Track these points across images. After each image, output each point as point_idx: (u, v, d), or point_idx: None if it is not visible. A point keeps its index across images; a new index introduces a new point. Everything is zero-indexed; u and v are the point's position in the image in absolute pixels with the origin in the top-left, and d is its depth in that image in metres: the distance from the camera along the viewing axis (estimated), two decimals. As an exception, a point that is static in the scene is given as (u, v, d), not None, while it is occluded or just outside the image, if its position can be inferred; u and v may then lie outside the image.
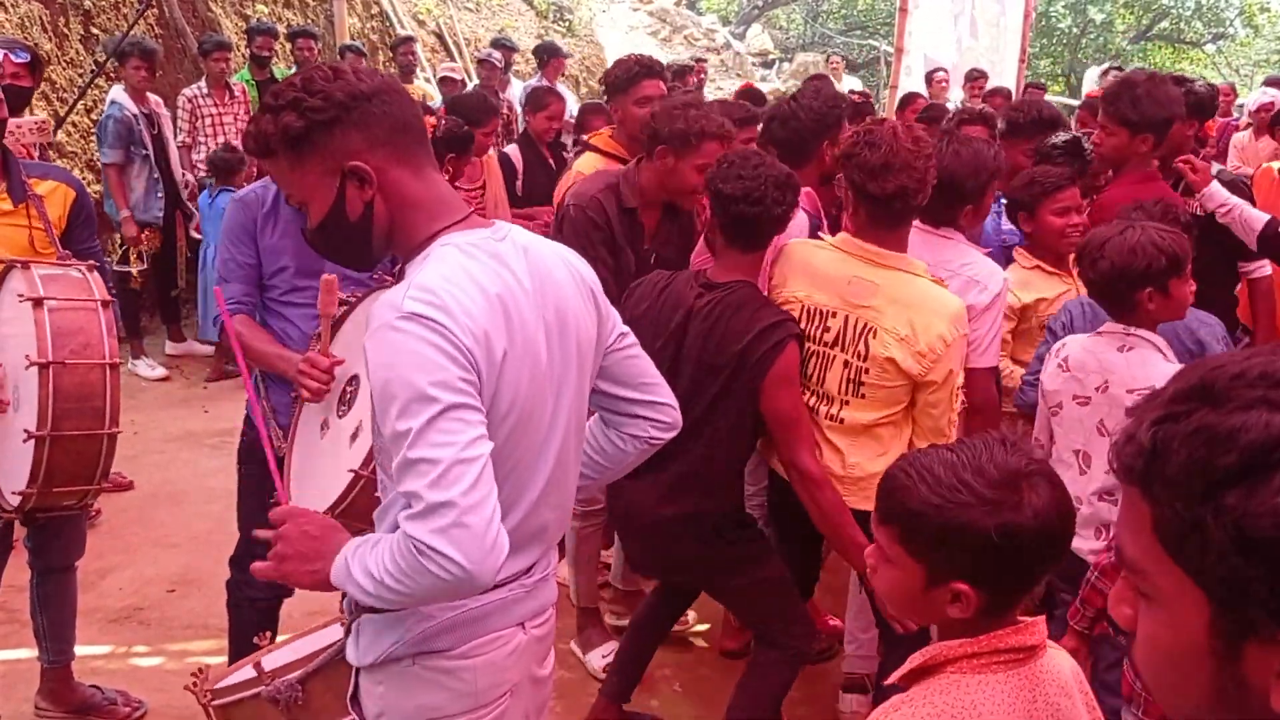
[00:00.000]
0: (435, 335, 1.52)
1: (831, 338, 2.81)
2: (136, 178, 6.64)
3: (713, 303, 2.84)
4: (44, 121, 3.96)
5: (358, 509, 1.95)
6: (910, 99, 8.35)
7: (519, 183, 6.01)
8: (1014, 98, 11.34)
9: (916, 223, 2.99)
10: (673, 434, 2.01)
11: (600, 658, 3.72)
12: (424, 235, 1.67)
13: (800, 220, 3.37)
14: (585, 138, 4.81)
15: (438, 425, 1.49)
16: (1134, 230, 2.68)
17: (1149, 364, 2.67)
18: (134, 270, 6.62)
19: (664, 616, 3.42)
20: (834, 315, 2.81)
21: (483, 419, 1.55)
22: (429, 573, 1.47)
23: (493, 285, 1.61)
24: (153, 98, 6.84)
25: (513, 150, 6.20)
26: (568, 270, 1.79)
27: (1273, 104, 7.17)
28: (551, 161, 6.15)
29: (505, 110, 7.81)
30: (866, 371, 2.77)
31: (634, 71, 4.03)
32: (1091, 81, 8.96)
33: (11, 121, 3.67)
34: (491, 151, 5.89)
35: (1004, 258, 3.68)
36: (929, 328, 2.70)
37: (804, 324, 2.84)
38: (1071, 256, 3.32)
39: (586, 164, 4.18)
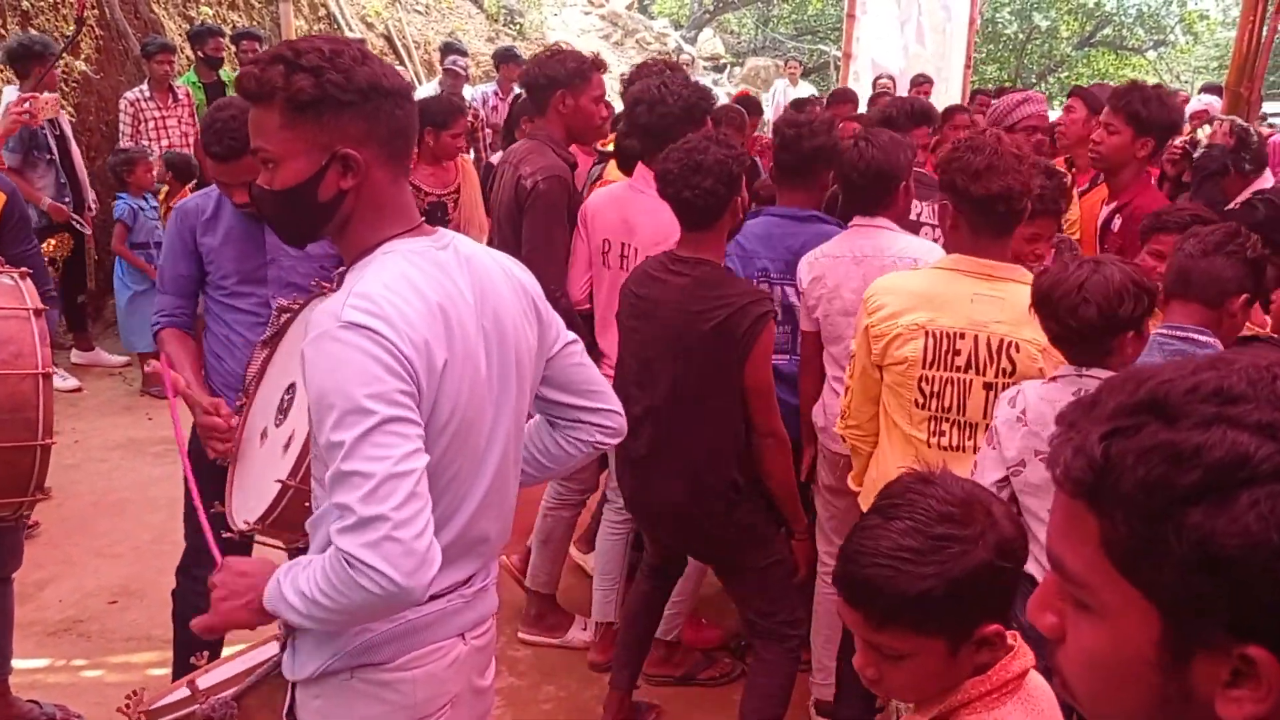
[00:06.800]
0: (375, 346, 1.51)
1: (963, 361, 2.69)
2: (42, 179, 6.30)
3: (679, 277, 2.92)
4: (56, 97, 3.90)
5: (287, 520, 1.92)
6: (843, 95, 8.24)
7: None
8: (960, 103, 11.52)
9: (861, 218, 3.21)
10: (618, 439, 2.02)
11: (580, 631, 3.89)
12: (374, 239, 1.66)
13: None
14: (598, 146, 4.67)
15: (372, 439, 1.48)
16: (1109, 269, 2.37)
17: None
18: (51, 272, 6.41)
19: (655, 600, 3.43)
20: (962, 337, 2.69)
21: (420, 432, 1.54)
22: (360, 587, 1.46)
23: (434, 294, 1.60)
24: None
25: (498, 158, 6.05)
26: (508, 280, 1.79)
27: (1206, 110, 7.31)
28: None
29: (470, 117, 7.66)
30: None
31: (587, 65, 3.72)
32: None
33: (38, 98, 3.60)
34: (469, 157, 5.67)
35: None
36: None
37: (930, 351, 2.73)
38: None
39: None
